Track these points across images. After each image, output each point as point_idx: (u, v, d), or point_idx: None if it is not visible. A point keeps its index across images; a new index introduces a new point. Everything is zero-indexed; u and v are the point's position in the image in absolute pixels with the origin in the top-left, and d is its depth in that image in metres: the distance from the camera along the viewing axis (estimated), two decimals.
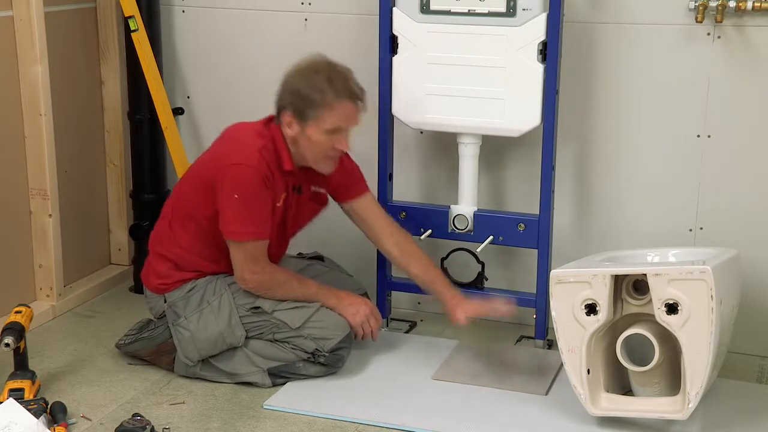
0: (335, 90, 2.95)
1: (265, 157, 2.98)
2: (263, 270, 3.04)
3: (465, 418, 2.87)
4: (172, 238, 3.11)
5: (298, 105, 2.97)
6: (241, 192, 2.95)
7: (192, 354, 3.07)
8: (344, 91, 2.97)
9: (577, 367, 2.78)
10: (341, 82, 2.98)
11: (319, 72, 2.98)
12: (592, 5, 3.26)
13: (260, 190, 2.96)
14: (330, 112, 2.96)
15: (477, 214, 3.30)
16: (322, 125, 2.97)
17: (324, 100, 2.95)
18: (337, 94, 2.96)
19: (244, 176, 2.95)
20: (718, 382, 2.97)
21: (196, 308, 3.07)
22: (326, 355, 3.05)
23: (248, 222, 2.97)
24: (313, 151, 3.01)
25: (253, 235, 3.00)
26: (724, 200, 3.26)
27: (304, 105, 2.97)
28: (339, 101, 2.96)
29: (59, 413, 2.82)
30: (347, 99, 2.97)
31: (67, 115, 3.64)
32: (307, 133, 2.98)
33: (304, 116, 2.97)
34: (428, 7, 3.16)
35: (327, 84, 2.95)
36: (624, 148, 3.34)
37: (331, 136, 2.99)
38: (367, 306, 3.14)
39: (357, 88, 3.01)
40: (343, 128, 3.01)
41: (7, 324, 2.94)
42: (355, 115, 3.02)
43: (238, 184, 2.96)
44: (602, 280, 2.73)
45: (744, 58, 3.14)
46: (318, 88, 2.95)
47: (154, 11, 3.70)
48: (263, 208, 2.99)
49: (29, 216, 3.55)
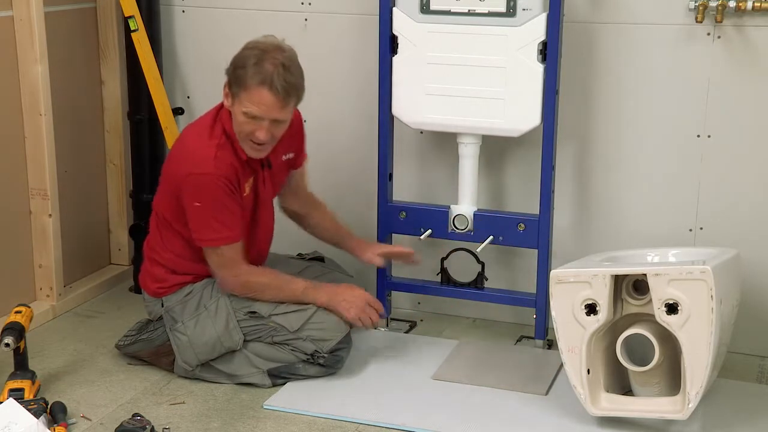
0: (255, 73, 2.84)
1: (221, 158, 2.91)
2: (242, 272, 3.02)
3: (465, 418, 2.87)
4: (163, 244, 3.10)
5: (231, 76, 2.92)
6: (202, 200, 2.92)
7: (190, 359, 3.06)
8: (264, 77, 2.83)
9: (577, 367, 2.78)
10: (268, 68, 2.84)
11: (254, 49, 2.89)
12: (592, 5, 3.26)
13: (222, 195, 2.92)
14: (246, 94, 2.86)
15: (477, 214, 3.30)
16: (240, 104, 2.89)
17: (244, 80, 2.86)
18: (255, 77, 2.84)
19: (201, 185, 2.91)
20: (718, 382, 2.97)
21: (193, 313, 3.06)
22: (325, 356, 3.04)
23: (216, 228, 2.95)
24: (236, 129, 2.94)
25: (223, 240, 2.97)
26: (724, 200, 3.26)
27: (233, 79, 2.90)
28: (255, 85, 2.85)
29: (59, 413, 2.82)
30: (264, 86, 2.84)
31: (67, 115, 3.64)
32: (235, 109, 2.92)
33: (233, 91, 2.91)
34: (428, 7, 3.16)
35: (253, 65, 2.85)
36: (624, 148, 3.34)
37: (250, 121, 2.89)
38: (360, 298, 3.07)
39: (281, 81, 2.84)
40: (258, 115, 2.88)
41: (7, 324, 2.94)
42: (271, 105, 2.86)
43: (197, 193, 2.92)
44: (602, 280, 2.73)
45: (744, 58, 3.14)
46: (243, 64, 2.87)
47: (154, 11, 3.70)
48: (229, 210, 2.95)
49: (29, 216, 3.55)
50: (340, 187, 3.66)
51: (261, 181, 3.07)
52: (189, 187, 2.93)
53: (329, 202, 3.43)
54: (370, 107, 3.39)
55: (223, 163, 2.91)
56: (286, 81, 2.87)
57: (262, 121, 2.89)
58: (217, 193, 2.91)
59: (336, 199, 3.51)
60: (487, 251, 3.32)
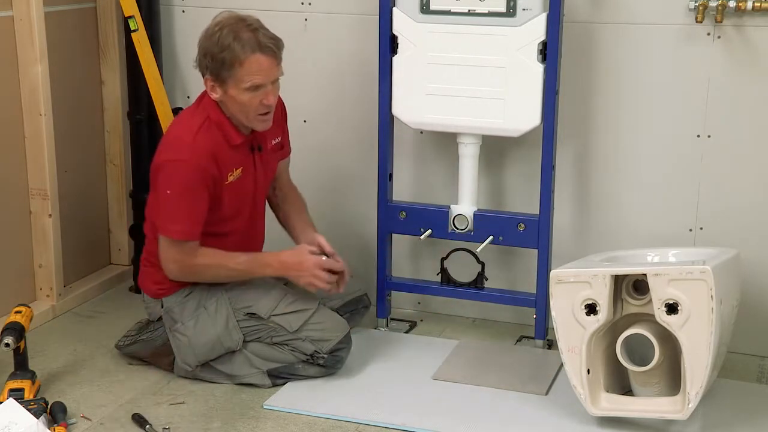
0: (242, 45, 2.84)
1: (200, 143, 2.89)
2: (186, 256, 2.97)
3: (465, 418, 2.87)
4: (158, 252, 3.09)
5: (212, 68, 2.88)
6: (173, 188, 2.90)
7: (190, 359, 3.06)
8: (252, 44, 2.84)
9: (577, 367, 2.78)
10: (248, 35, 2.85)
11: (224, 28, 2.87)
12: (592, 5, 3.26)
13: (195, 186, 2.89)
14: (242, 69, 2.85)
15: (477, 214, 3.30)
16: (240, 84, 2.87)
17: (234, 58, 2.84)
18: (245, 48, 2.84)
19: (176, 172, 2.89)
20: (718, 382, 2.97)
21: (192, 313, 3.06)
22: (325, 357, 3.04)
23: (179, 218, 2.93)
24: (242, 111, 2.93)
25: (183, 235, 2.95)
26: (724, 200, 3.26)
27: (218, 66, 2.87)
28: (248, 56, 2.84)
29: (59, 413, 2.82)
30: (257, 52, 2.85)
31: (67, 115, 3.64)
32: (230, 95, 2.90)
33: (221, 78, 2.88)
34: (428, 7, 3.16)
35: (233, 40, 2.84)
36: (624, 148, 3.34)
37: (254, 93, 2.89)
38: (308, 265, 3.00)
39: (266, 39, 2.87)
40: (261, 83, 2.89)
41: (7, 324, 2.94)
42: (270, 67, 2.89)
43: (170, 180, 2.90)
44: (602, 280, 2.73)
45: (744, 58, 3.14)
46: (225, 45, 2.84)
47: (154, 11, 3.70)
48: (198, 205, 2.92)
49: (29, 216, 3.55)
50: (340, 187, 3.66)
51: (251, 165, 3.06)
52: (163, 175, 2.91)
53: (329, 202, 3.44)
54: (370, 107, 3.38)
55: (200, 148, 2.89)
56: (269, 37, 2.90)
57: (266, 87, 2.91)
58: (188, 181, 2.89)
59: (336, 199, 3.51)
60: (487, 251, 3.32)
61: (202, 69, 2.94)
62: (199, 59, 2.94)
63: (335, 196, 3.52)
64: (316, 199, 3.59)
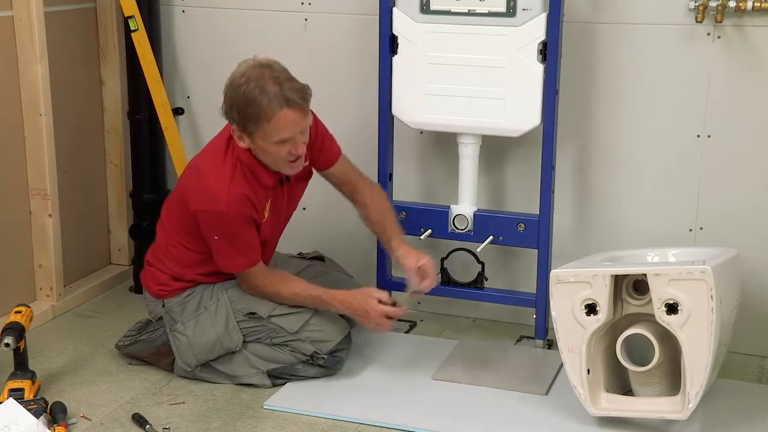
0: (269, 100, 2.77)
1: (235, 193, 2.88)
2: (265, 285, 3.03)
3: (465, 418, 2.87)
4: (168, 253, 3.10)
5: (239, 120, 2.83)
6: (219, 233, 2.93)
7: (190, 359, 3.06)
8: (279, 99, 2.78)
9: (577, 367, 2.78)
10: (275, 89, 2.78)
11: (250, 81, 2.79)
12: (592, 5, 3.26)
13: (238, 227, 2.92)
14: (270, 125, 2.80)
15: (477, 214, 3.30)
16: (268, 138, 2.82)
17: (260, 114, 2.78)
18: (271, 104, 2.77)
19: (217, 221, 2.91)
20: (718, 382, 2.97)
21: (193, 314, 3.06)
22: (325, 357, 3.04)
23: (236, 256, 2.97)
24: (270, 159, 2.91)
25: (243, 267, 3.00)
26: (724, 200, 3.26)
27: (244, 119, 2.81)
28: (275, 112, 2.78)
29: (59, 413, 2.82)
30: (284, 107, 2.78)
31: (67, 115, 3.64)
32: (258, 145, 2.86)
33: (248, 130, 2.83)
34: (428, 7, 3.16)
35: (260, 94, 2.77)
36: (624, 148, 3.34)
37: (283, 145, 2.85)
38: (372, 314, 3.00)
39: (293, 92, 2.80)
40: (290, 137, 2.84)
41: (7, 324, 2.94)
42: (297, 121, 2.83)
43: (213, 227, 2.93)
44: (602, 280, 2.73)
45: (744, 58, 3.14)
46: (251, 100, 2.78)
47: (154, 11, 3.70)
48: (247, 238, 2.96)
49: (29, 216, 3.55)
50: None
51: (280, 196, 3.06)
52: (204, 222, 2.94)
53: (329, 201, 3.43)
54: (370, 107, 3.38)
55: (236, 199, 2.89)
56: (296, 89, 2.83)
57: (294, 138, 2.86)
58: (233, 228, 2.92)
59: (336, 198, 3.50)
60: (487, 251, 3.32)
61: (229, 119, 2.89)
62: (226, 109, 2.86)
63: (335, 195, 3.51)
64: (316, 199, 3.60)
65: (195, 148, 3.81)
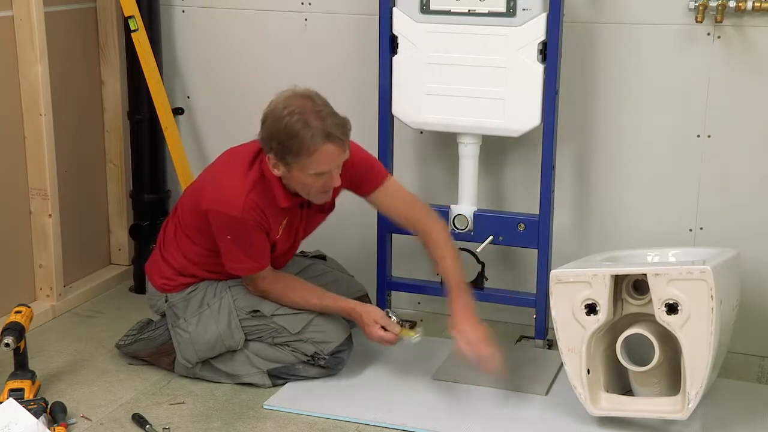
0: (312, 135, 2.76)
1: (250, 204, 2.88)
2: (272, 288, 3.04)
3: (465, 418, 2.87)
4: (176, 245, 3.10)
5: (278, 150, 2.81)
6: (232, 234, 2.93)
7: (190, 356, 3.07)
8: (321, 134, 2.77)
9: (577, 367, 2.78)
10: (318, 123, 2.77)
11: (293, 114, 2.78)
12: (592, 5, 3.26)
13: (250, 234, 2.93)
14: (310, 159, 2.79)
15: (477, 214, 3.30)
16: (306, 170, 2.82)
17: (302, 148, 2.77)
18: (314, 139, 2.76)
19: (230, 224, 2.91)
20: (718, 382, 2.97)
21: (195, 311, 3.07)
22: (326, 358, 3.04)
23: (244, 259, 2.97)
24: (304, 189, 2.91)
25: (251, 270, 3.00)
26: (724, 200, 3.26)
27: (284, 151, 2.80)
28: (317, 146, 2.77)
29: (59, 413, 2.82)
30: (327, 142, 2.78)
31: (67, 115, 3.64)
32: (294, 175, 2.85)
33: (286, 161, 2.82)
34: (428, 7, 3.16)
35: (303, 128, 2.76)
36: (624, 148, 3.34)
37: (319, 177, 2.85)
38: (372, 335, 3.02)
39: (335, 127, 2.80)
40: (329, 170, 2.85)
41: (7, 324, 2.94)
42: (338, 155, 2.83)
43: (225, 229, 2.93)
44: (602, 280, 2.73)
45: (744, 58, 3.14)
46: (293, 134, 2.77)
47: (154, 11, 3.70)
48: (258, 243, 2.96)
49: (29, 216, 3.55)
50: None
51: (297, 219, 3.06)
52: (216, 221, 2.94)
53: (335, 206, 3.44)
54: (370, 107, 3.38)
55: (250, 208, 2.89)
56: (338, 124, 2.82)
57: (332, 172, 2.87)
58: (244, 233, 2.92)
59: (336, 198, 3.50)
60: (487, 251, 3.32)
61: (266, 148, 2.86)
62: (264, 138, 2.84)
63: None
64: None
65: (195, 148, 3.82)
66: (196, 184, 3.12)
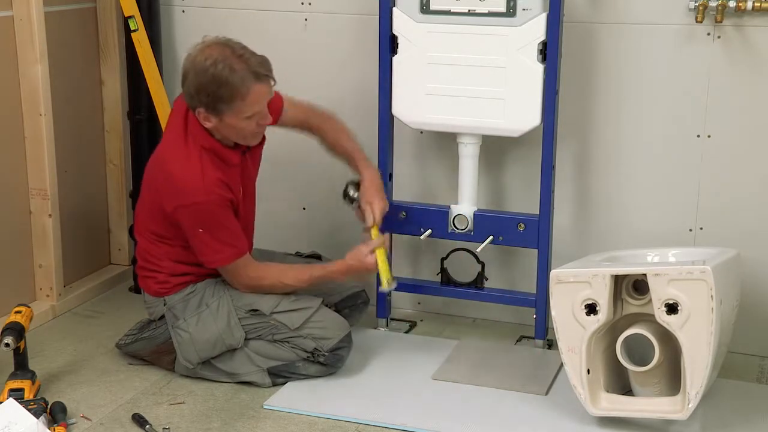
0: (241, 78, 2.80)
1: (208, 180, 2.89)
2: (255, 277, 3.05)
3: (465, 418, 2.87)
4: (158, 254, 3.09)
5: (208, 102, 2.84)
6: (203, 225, 2.93)
7: (191, 356, 3.06)
8: (250, 76, 2.81)
9: (577, 367, 2.78)
10: (243, 66, 2.81)
11: (217, 63, 2.80)
12: (592, 5, 3.26)
13: (221, 215, 2.94)
14: (244, 102, 2.83)
15: (477, 214, 3.30)
16: (239, 114, 2.86)
17: (234, 93, 2.81)
18: (245, 82, 2.81)
19: (198, 214, 2.92)
20: (718, 382, 2.97)
21: (195, 311, 3.06)
22: (326, 355, 3.04)
23: (221, 248, 2.98)
24: (238, 134, 2.93)
25: (231, 257, 3.00)
26: (724, 200, 3.26)
27: (214, 101, 2.83)
28: (249, 88, 2.82)
29: (59, 413, 2.82)
30: (256, 82, 2.83)
31: (67, 115, 3.64)
32: (227, 123, 2.88)
33: (218, 110, 2.85)
34: (428, 7, 3.16)
35: (230, 74, 2.80)
36: (624, 148, 3.34)
37: (251, 119, 2.89)
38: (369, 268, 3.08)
39: (258, 65, 2.84)
40: (261, 110, 2.90)
41: (7, 324, 2.94)
42: (267, 92, 2.89)
43: (196, 221, 2.93)
44: (602, 280, 2.73)
45: (744, 58, 3.14)
46: (222, 81, 2.80)
47: (154, 11, 3.70)
48: (231, 226, 2.97)
49: (29, 216, 3.55)
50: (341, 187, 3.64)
51: (246, 167, 3.07)
52: (185, 218, 2.94)
53: (329, 201, 3.43)
54: (370, 107, 3.38)
55: (211, 185, 2.91)
56: (261, 62, 2.88)
57: (263, 110, 2.91)
58: (214, 216, 2.93)
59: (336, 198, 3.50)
60: (487, 251, 3.32)
61: (194, 103, 2.88)
62: (191, 93, 2.87)
63: (335, 195, 3.51)
64: (316, 199, 3.60)
65: None
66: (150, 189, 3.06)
